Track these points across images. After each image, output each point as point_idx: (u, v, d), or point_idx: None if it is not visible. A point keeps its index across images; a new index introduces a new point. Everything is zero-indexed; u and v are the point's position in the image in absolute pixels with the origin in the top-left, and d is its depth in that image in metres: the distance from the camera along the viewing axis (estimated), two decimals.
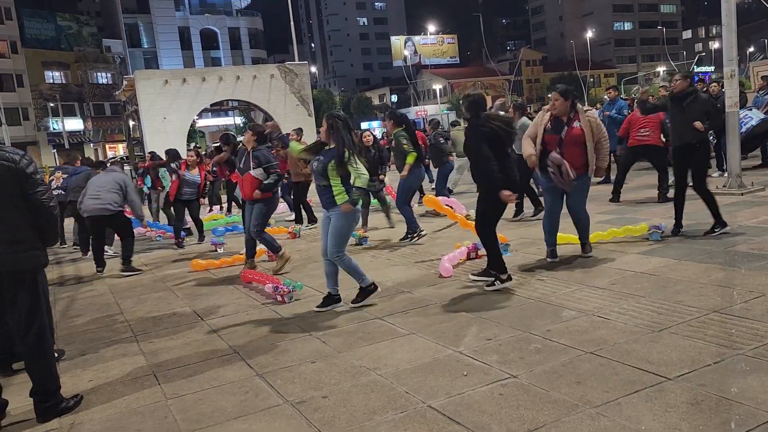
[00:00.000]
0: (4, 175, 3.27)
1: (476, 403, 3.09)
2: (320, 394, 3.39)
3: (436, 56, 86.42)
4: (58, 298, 6.57)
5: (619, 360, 3.41)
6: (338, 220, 4.91)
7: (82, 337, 5.04)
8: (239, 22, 63.87)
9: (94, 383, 3.93)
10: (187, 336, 4.74)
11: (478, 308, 4.68)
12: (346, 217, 4.90)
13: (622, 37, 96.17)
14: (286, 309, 5.24)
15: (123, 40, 57.15)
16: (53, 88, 49.94)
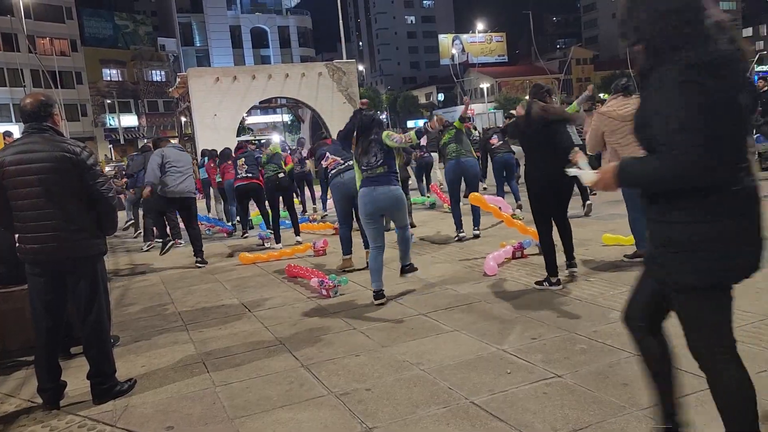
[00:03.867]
0: (66, 167, 3.42)
1: (519, 401, 3.08)
2: (364, 386, 3.44)
3: (484, 54, 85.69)
4: (113, 287, 6.81)
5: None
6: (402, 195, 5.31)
7: (135, 324, 5.22)
8: (289, 21, 64.84)
9: (147, 369, 4.07)
10: (235, 326, 4.86)
11: (524, 307, 4.65)
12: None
13: None
14: (331, 303, 5.31)
15: (177, 38, 58.80)
16: (110, 85, 51.80)
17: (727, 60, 1.92)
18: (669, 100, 1.93)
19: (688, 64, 1.90)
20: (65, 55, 48.82)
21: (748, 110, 2.02)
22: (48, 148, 3.42)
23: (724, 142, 1.90)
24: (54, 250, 3.43)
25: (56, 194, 3.41)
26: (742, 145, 1.99)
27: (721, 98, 1.90)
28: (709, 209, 1.96)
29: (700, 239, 1.97)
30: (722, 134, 1.89)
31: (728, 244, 1.97)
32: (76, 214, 3.47)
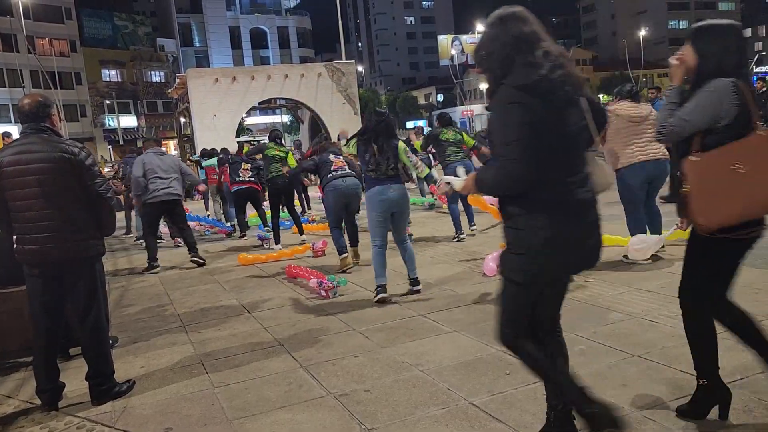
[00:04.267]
0: (64, 167, 3.42)
1: (519, 402, 3.08)
2: (363, 387, 3.43)
3: None
4: (112, 287, 6.80)
5: (668, 364, 3.34)
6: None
7: (134, 325, 5.22)
8: (288, 22, 64.87)
9: (146, 370, 4.07)
10: (234, 327, 4.86)
11: None
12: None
13: (677, 35, 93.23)
14: (330, 304, 5.30)
15: (176, 39, 58.80)
16: (109, 85, 51.86)
17: (551, 84, 2.20)
18: (500, 118, 2.25)
19: (515, 87, 2.20)
20: (64, 56, 48.82)
21: (579, 128, 2.29)
22: (46, 148, 3.42)
23: (545, 157, 2.17)
24: (52, 251, 3.42)
25: (54, 195, 3.41)
26: (571, 160, 2.27)
27: (544, 118, 2.17)
28: (531, 217, 2.24)
29: (523, 243, 2.26)
30: (544, 150, 2.17)
31: (546, 249, 2.24)
32: (74, 215, 3.47)
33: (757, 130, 2.41)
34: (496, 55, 2.29)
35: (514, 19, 2.28)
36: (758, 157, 2.39)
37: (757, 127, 2.42)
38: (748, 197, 2.39)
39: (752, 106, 2.43)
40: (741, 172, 2.38)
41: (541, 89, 2.19)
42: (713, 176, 2.43)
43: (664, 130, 2.55)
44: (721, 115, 2.42)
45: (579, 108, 2.31)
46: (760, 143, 2.40)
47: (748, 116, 2.42)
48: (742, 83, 2.44)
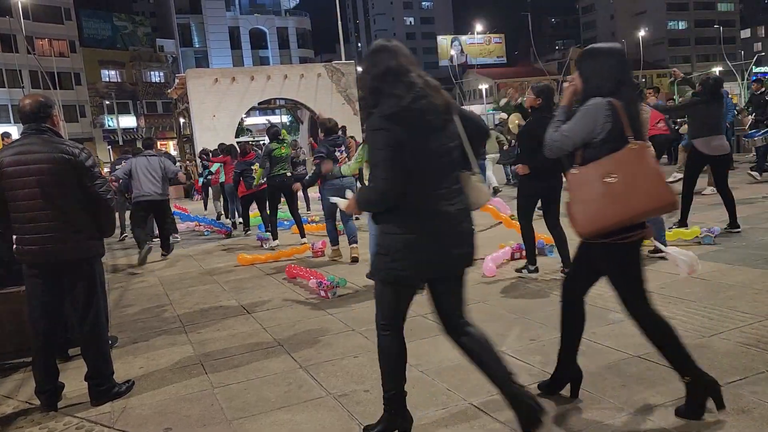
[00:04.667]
0: (65, 168, 3.41)
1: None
2: (362, 387, 3.43)
3: (482, 56, 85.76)
4: (111, 288, 6.80)
5: (667, 365, 3.31)
6: None
7: (133, 326, 5.21)
8: (288, 22, 64.81)
9: (145, 370, 4.06)
10: (233, 328, 4.86)
11: (522, 309, 4.64)
12: None
13: (676, 36, 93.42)
14: (330, 304, 5.30)
15: (175, 39, 58.76)
16: (109, 86, 51.81)
17: (412, 113, 2.50)
18: (370, 142, 2.57)
19: (380, 116, 2.52)
20: (64, 56, 48.79)
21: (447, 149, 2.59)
22: (47, 149, 3.42)
23: (410, 175, 2.50)
24: (52, 252, 3.42)
25: (54, 195, 3.41)
26: (435, 177, 2.57)
27: (406, 142, 2.48)
28: (396, 224, 2.57)
29: (388, 248, 2.60)
30: (408, 169, 2.49)
31: (405, 253, 2.56)
32: (74, 216, 3.47)
33: (629, 144, 2.65)
34: (368, 85, 2.62)
35: (386, 52, 2.60)
36: (629, 169, 2.63)
37: (629, 141, 2.65)
38: (619, 206, 2.62)
39: (625, 122, 2.67)
40: (613, 183, 2.63)
41: (403, 118, 2.49)
42: (588, 187, 2.69)
43: (549, 145, 2.84)
44: (596, 131, 2.69)
45: (448, 131, 2.62)
46: (630, 156, 2.64)
47: (621, 131, 2.67)
48: (617, 102, 2.69)
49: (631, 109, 2.72)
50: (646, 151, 2.66)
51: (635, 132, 2.70)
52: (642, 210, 2.64)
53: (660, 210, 2.75)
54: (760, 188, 9.35)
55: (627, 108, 2.70)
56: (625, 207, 2.61)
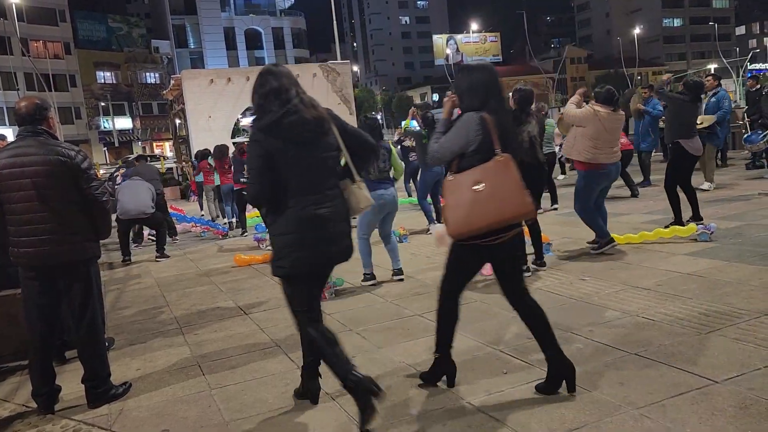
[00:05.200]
0: (61, 170, 3.40)
1: (516, 401, 3.08)
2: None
3: (478, 54, 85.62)
4: (108, 290, 6.79)
5: (664, 362, 3.34)
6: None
7: (130, 327, 5.20)
8: (283, 22, 64.76)
9: (142, 372, 4.05)
10: (230, 329, 4.85)
11: None
12: None
13: (671, 33, 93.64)
14: (327, 304, 5.28)
15: (171, 40, 58.66)
16: (104, 87, 51.68)
17: (281, 127, 2.85)
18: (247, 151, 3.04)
19: (256, 129, 2.92)
20: (59, 58, 48.67)
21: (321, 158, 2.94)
22: (42, 151, 3.41)
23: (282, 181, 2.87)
24: (48, 254, 3.41)
25: (50, 198, 3.39)
26: (309, 184, 2.91)
27: (277, 152, 2.85)
28: (279, 227, 2.95)
29: (274, 245, 3.02)
30: (280, 176, 2.87)
31: (286, 252, 2.93)
32: (70, 218, 3.46)
33: (496, 156, 2.92)
34: (255, 102, 2.97)
35: (271, 74, 2.97)
36: (495, 179, 2.90)
37: (497, 153, 2.93)
38: (484, 212, 2.89)
39: (494, 135, 2.95)
40: (480, 191, 2.89)
41: (273, 131, 2.85)
42: (459, 193, 2.96)
43: (431, 155, 3.11)
44: (469, 143, 2.98)
45: (323, 143, 2.96)
46: (496, 167, 2.91)
47: (490, 144, 2.94)
48: (488, 116, 2.96)
49: (501, 123, 3.00)
50: (510, 163, 2.92)
51: (503, 144, 2.96)
52: (502, 216, 2.90)
53: (518, 217, 2.97)
54: (755, 185, 9.37)
55: (497, 122, 2.98)
56: (488, 213, 2.89)
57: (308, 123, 2.90)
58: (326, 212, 2.94)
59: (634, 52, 71.30)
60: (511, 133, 3.13)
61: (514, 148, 3.08)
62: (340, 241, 3.02)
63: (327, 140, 2.98)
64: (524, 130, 5.22)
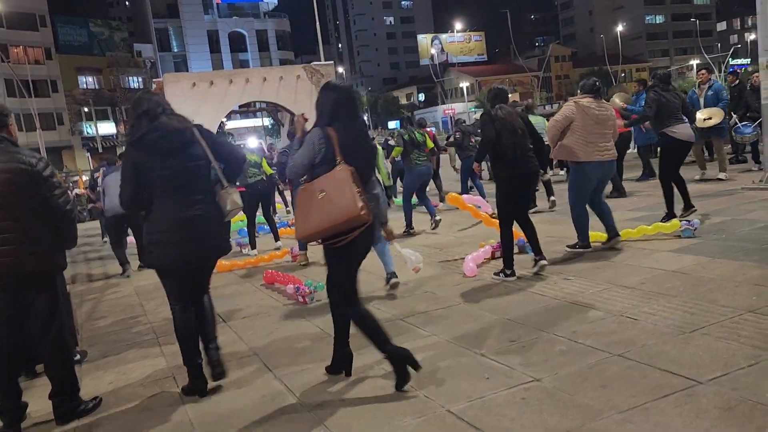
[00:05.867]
0: (22, 179, 3.28)
1: (497, 407, 2.99)
2: (337, 397, 3.33)
3: (463, 54, 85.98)
4: (85, 299, 6.65)
5: (648, 363, 3.27)
6: None
7: (105, 338, 5.07)
8: (267, 24, 64.47)
9: (114, 385, 3.93)
10: None
11: (502, 309, 4.57)
12: None
13: (654, 30, 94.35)
14: (308, 310, 5.20)
15: (153, 44, 58.19)
16: (86, 93, 51.08)
17: (146, 143, 3.37)
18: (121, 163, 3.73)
19: (127, 143, 3.52)
20: (39, 64, 48.03)
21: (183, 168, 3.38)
22: (3, 159, 3.29)
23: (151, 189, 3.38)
24: (11, 264, 3.28)
25: (12, 206, 3.27)
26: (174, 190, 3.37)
27: (142, 163, 3.36)
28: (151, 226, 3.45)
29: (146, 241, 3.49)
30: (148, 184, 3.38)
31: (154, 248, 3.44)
32: (33, 227, 3.33)
33: (337, 166, 3.20)
34: (131, 122, 3.52)
35: (145, 98, 3.50)
36: (333, 187, 3.16)
37: (339, 162, 3.21)
38: (322, 216, 3.17)
39: (336, 147, 3.24)
40: (322, 198, 3.17)
41: (140, 145, 3.37)
42: (306, 200, 3.26)
43: (289, 170, 3.43)
44: (315, 155, 3.28)
45: (188, 155, 3.40)
46: (336, 176, 3.18)
47: (333, 155, 3.23)
48: (331, 130, 3.27)
49: (345, 136, 3.28)
50: (347, 173, 3.17)
51: (345, 155, 3.23)
52: (334, 222, 3.15)
53: (351, 222, 3.16)
54: (739, 179, 9.36)
55: (341, 135, 3.26)
56: (323, 218, 3.16)
57: (170, 136, 3.37)
58: (192, 215, 3.37)
59: (618, 50, 71.76)
60: (360, 146, 3.39)
61: (361, 158, 3.34)
62: (207, 241, 3.46)
63: (192, 151, 3.43)
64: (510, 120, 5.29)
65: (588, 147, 5.67)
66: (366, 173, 3.39)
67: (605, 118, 5.76)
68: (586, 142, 5.66)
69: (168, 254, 3.38)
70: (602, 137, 5.72)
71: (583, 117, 5.66)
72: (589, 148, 5.68)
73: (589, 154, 5.68)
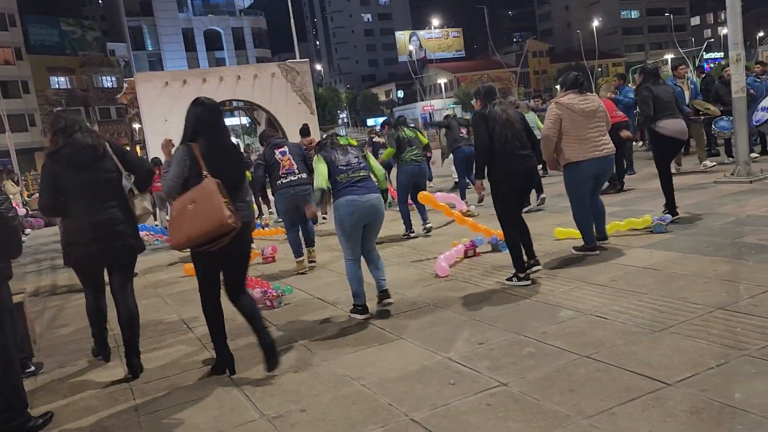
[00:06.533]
0: None
1: (462, 414, 2.89)
2: (299, 407, 3.21)
3: (441, 50, 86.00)
4: (47, 307, 6.44)
5: (617, 364, 3.19)
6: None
7: (64, 348, 4.89)
8: (243, 22, 63.85)
9: (69, 398, 3.77)
10: (171, 346, 4.58)
11: (473, 310, 4.48)
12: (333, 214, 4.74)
13: (629, 25, 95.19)
14: (275, 315, 5.06)
15: (127, 43, 57.27)
16: (59, 93, 50.15)
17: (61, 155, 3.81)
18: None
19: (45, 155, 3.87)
20: (10, 64, 46.99)
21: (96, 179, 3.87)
22: None
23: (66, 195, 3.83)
24: None
25: None
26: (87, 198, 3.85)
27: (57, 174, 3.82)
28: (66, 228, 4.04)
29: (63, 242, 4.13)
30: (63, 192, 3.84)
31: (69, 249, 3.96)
32: None
33: (205, 178, 3.43)
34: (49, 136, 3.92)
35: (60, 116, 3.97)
36: (201, 198, 3.40)
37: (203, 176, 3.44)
38: (191, 225, 3.40)
39: (201, 161, 3.48)
40: (191, 209, 3.42)
41: (56, 158, 3.82)
42: (178, 212, 3.50)
43: (164, 190, 3.72)
44: (183, 170, 3.53)
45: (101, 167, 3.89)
46: (203, 188, 3.42)
47: (199, 169, 3.47)
48: (195, 145, 3.54)
49: (209, 150, 3.53)
50: (212, 185, 3.39)
51: (211, 168, 3.46)
52: (202, 230, 3.39)
53: (220, 229, 3.38)
54: (711, 174, 9.38)
55: (205, 150, 3.51)
56: (193, 227, 3.39)
57: (84, 151, 3.82)
58: (103, 218, 3.84)
59: (594, 45, 72.28)
60: (226, 159, 3.63)
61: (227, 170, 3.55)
62: (114, 242, 3.91)
63: (104, 164, 3.90)
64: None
65: (584, 144, 5.37)
66: (234, 183, 3.60)
67: (593, 111, 5.44)
68: (581, 140, 5.37)
69: (82, 253, 3.88)
70: (596, 131, 5.42)
71: (569, 114, 5.37)
72: (585, 144, 5.38)
73: (586, 152, 5.37)
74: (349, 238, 4.60)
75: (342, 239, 4.65)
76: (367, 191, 4.58)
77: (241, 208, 3.61)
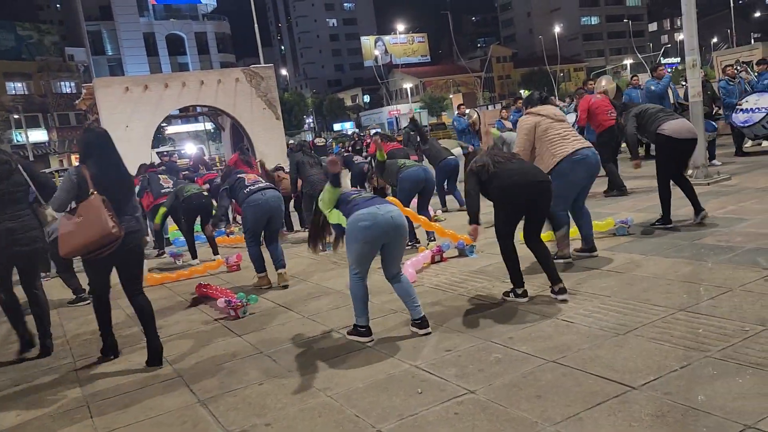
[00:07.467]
0: None
1: (429, 424, 2.86)
2: (263, 421, 3.13)
3: (407, 55, 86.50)
4: (2, 321, 6.18)
5: (582, 368, 3.20)
6: None
7: (19, 364, 4.70)
8: (206, 27, 63.12)
9: (22, 418, 3.61)
10: (130, 359, 4.44)
11: (440, 316, 4.45)
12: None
13: (589, 31, 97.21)
14: (239, 325, 4.96)
15: (86, 47, 55.99)
16: (15, 99, 48.76)
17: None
18: None
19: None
20: None
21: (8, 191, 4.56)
22: None
23: None
24: None
25: None
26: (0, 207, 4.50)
27: None
28: None
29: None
30: None
31: None
32: None
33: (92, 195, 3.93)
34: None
35: None
36: (87, 213, 3.90)
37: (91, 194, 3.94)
38: (78, 236, 3.91)
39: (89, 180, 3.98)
40: (78, 222, 3.90)
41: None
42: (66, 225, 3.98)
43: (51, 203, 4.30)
44: (72, 189, 4.05)
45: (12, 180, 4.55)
46: (89, 204, 3.92)
47: (87, 187, 3.96)
48: (83, 167, 4.05)
49: (96, 172, 4.02)
50: (97, 200, 3.90)
51: (98, 186, 3.96)
52: (93, 239, 3.87)
53: (105, 238, 3.88)
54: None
55: (93, 170, 4.02)
56: (78, 238, 3.89)
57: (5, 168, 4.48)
58: (12, 225, 4.51)
59: (556, 50, 73.54)
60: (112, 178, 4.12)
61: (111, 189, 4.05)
62: (24, 246, 4.58)
63: (14, 178, 4.56)
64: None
65: (565, 140, 5.28)
66: (119, 199, 4.08)
67: (561, 116, 5.46)
68: (562, 137, 5.29)
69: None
70: (570, 131, 5.37)
71: (543, 119, 5.34)
72: (568, 139, 5.29)
73: (570, 144, 5.24)
74: (359, 257, 4.06)
75: (351, 256, 4.10)
76: (385, 203, 4.11)
77: (127, 220, 4.09)
